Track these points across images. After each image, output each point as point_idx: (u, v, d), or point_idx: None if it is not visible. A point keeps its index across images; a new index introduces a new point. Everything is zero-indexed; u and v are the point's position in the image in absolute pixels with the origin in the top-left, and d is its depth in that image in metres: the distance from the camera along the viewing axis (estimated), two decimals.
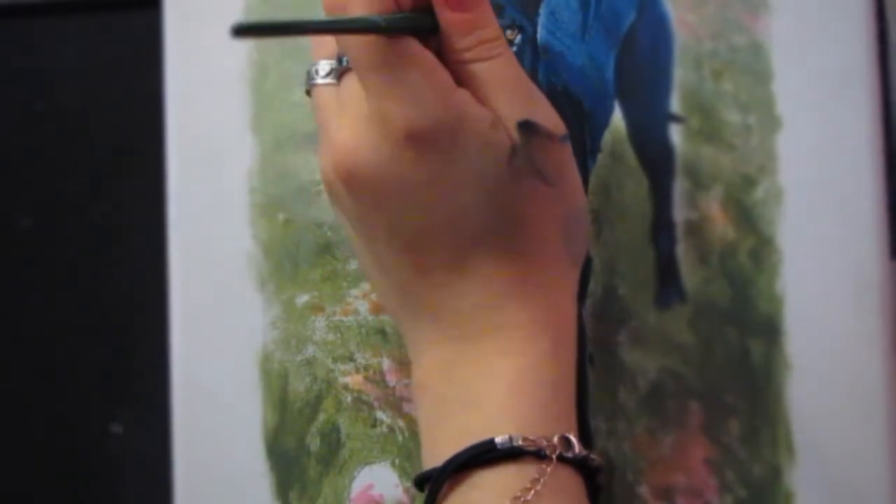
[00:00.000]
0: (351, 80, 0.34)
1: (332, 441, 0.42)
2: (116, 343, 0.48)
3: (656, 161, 0.42)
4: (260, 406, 0.43)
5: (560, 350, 0.34)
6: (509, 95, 0.34)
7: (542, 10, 0.42)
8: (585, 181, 0.42)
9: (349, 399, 0.42)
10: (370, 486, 0.42)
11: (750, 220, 0.41)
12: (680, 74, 0.41)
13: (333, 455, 0.42)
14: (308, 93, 0.36)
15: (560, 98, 0.42)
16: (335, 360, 0.43)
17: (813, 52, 0.40)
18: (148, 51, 0.45)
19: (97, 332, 0.48)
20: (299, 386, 0.43)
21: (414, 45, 0.33)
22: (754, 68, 0.41)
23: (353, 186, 0.33)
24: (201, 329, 0.43)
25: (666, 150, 0.41)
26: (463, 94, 0.33)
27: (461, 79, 0.34)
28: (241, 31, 0.29)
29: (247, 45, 0.44)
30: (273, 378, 0.43)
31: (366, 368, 0.42)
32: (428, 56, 0.33)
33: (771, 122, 0.41)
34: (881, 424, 0.39)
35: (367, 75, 0.33)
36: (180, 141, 0.44)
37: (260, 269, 0.43)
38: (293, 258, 0.43)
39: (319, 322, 0.43)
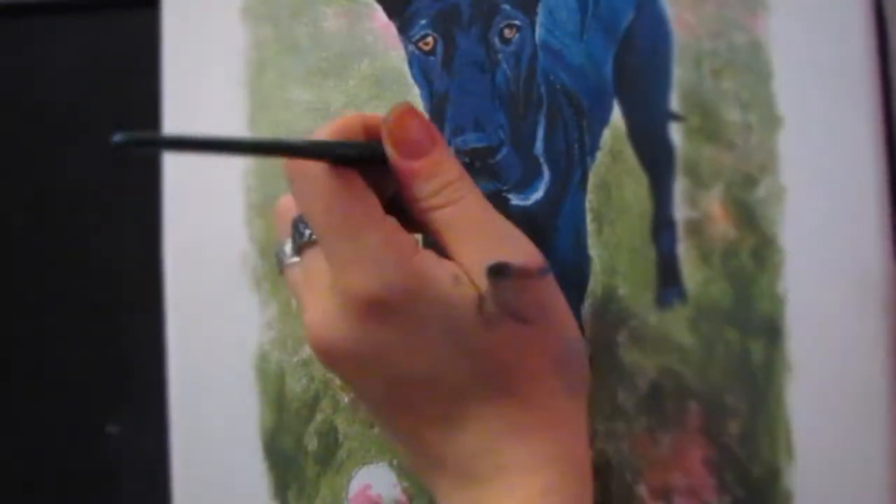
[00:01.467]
0: (310, 255, 0.34)
1: (330, 441, 0.42)
2: (113, 344, 0.48)
3: (657, 160, 0.41)
4: (257, 406, 0.43)
5: (570, 482, 0.34)
6: (476, 239, 0.34)
7: (541, 9, 0.42)
8: (585, 180, 0.41)
9: (346, 399, 0.42)
10: (368, 486, 0.42)
11: (751, 219, 0.40)
12: (679, 73, 0.41)
13: (331, 455, 0.42)
14: (280, 271, 0.37)
15: (559, 96, 0.41)
16: None
17: (813, 49, 0.40)
18: (146, 50, 0.45)
19: (93, 333, 0.48)
20: (296, 386, 0.43)
21: (375, 211, 0.32)
22: (754, 67, 0.40)
23: (329, 361, 0.34)
24: (198, 329, 0.43)
25: (666, 148, 0.41)
26: (423, 256, 0.33)
27: (424, 225, 0.34)
28: (169, 143, 0.29)
29: (245, 44, 0.44)
30: (270, 378, 0.43)
31: None
32: (389, 221, 0.33)
33: (771, 121, 0.40)
34: (882, 426, 0.39)
35: (327, 243, 0.33)
36: None
37: (255, 270, 0.43)
38: None
39: None
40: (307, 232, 0.34)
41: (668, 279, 0.41)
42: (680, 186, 0.41)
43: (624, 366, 0.40)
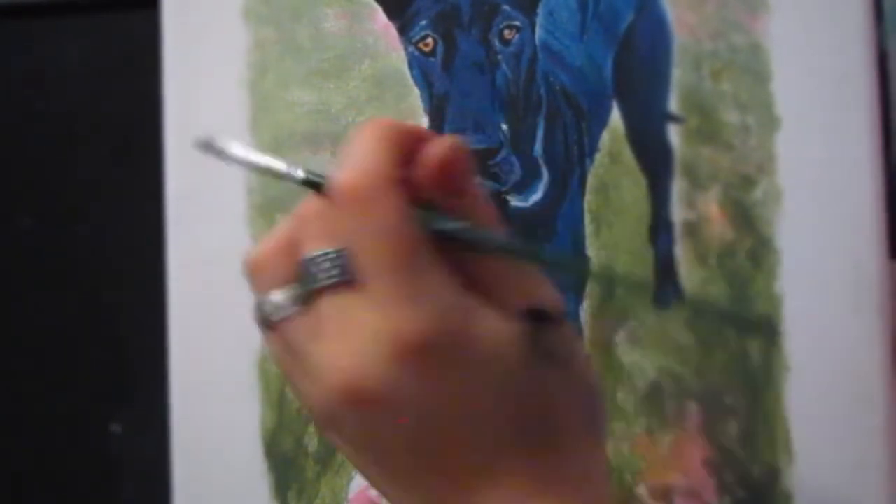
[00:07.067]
0: (331, 300, 0.32)
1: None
2: (115, 344, 0.48)
3: (655, 161, 0.41)
4: (258, 407, 0.43)
5: None
6: (513, 283, 0.33)
7: (541, 10, 0.42)
8: (584, 181, 0.42)
9: None
10: (368, 487, 0.42)
11: (749, 220, 0.40)
12: (679, 74, 0.41)
13: (331, 455, 0.42)
14: (269, 327, 0.33)
15: (559, 98, 0.42)
16: None
17: (812, 52, 0.40)
18: (147, 51, 0.45)
19: (96, 332, 0.48)
20: None
21: (432, 248, 0.32)
22: (753, 68, 0.41)
23: (366, 408, 0.31)
24: (200, 330, 0.43)
25: (664, 149, 0.41)
26: (470, 299, 0.32)
27: (461, 266, 0.33)
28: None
29: (245, 46, 0.44)
30: (271, 379, 0.43)
31: None
32: (440, 260, 0.32)
33: (770, 122, 0.41)
34: (880, 424, 0.39)
35: (387, 281, 0.31)
36: (179, 141, 0.44)
37: None
38: None
39: None
40: (334, 272, 0.32)
41: (665, 280, 0.41)
42: (677, 188, 0.41)
43: (623, 366, 0.41)
